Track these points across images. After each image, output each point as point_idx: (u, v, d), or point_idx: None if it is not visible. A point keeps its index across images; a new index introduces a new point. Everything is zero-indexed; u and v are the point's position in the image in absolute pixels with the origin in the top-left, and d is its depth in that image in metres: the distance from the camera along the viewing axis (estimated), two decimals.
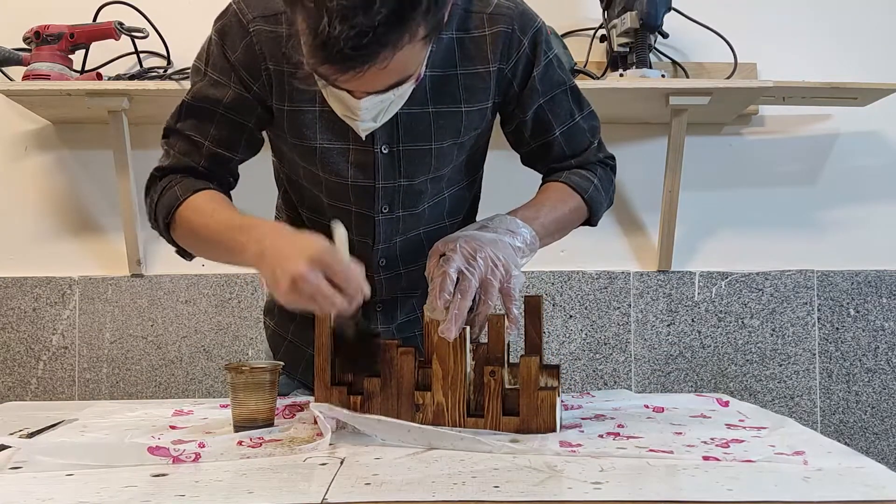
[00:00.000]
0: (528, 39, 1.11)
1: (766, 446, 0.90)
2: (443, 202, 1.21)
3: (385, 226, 1.16)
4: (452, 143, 1.13)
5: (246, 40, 1.06)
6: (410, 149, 1.11)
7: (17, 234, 2.13)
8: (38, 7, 2.07)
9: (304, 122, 1.09)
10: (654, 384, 2.12)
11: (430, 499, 0.71)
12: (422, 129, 1.10)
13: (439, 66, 1.08)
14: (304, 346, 1.29)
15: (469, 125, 1.13)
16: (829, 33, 2.18)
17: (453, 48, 1.08)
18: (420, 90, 1.06)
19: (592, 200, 1.19)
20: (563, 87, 1.16)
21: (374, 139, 1.09)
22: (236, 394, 1.01)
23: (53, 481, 0.78)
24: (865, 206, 2.19)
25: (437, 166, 1.14)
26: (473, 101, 1.11)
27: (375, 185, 1.12)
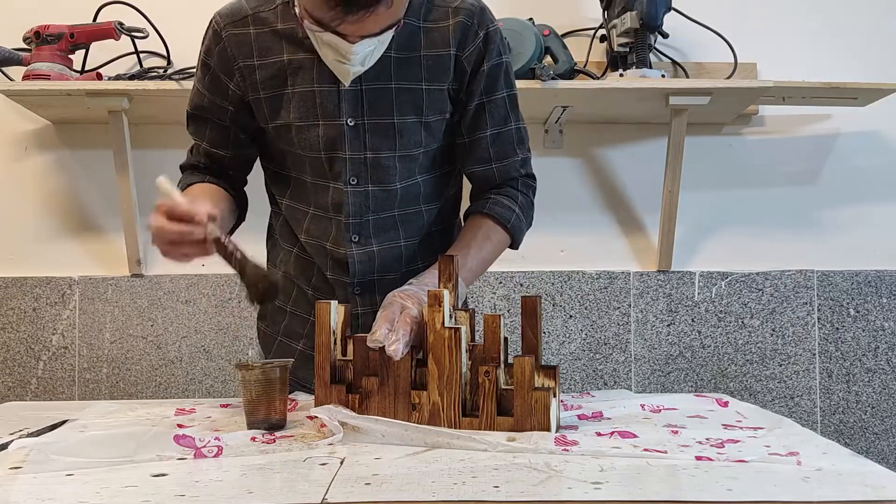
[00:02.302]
0: (484, 33, 1.21)
1: (760, 447, 0.90)
2: (416, 186, 1.26)
3: (354, 198, 1.23)
4: (415, 119, 1.21)
5: (219, 46, 1.22)
6: (374, 122, 1.20)
7: (17, 234, 2.13)
8: (38, 7, 2.07)
9: (279, 105, 1.21)
10: (654, 384, 2.12)
11: (430, 499, 0.72)
12: (385, 104, 1.20)
13: (405, 48, 1.19)
14: (294, 343, 1.35)
15: (430, 105, 1.21)
16: (829, 33, 2.18)
17: (419, 35, 1.20)
18: (385, 68, 1.18)
19: (514, 229, 1.28)
20: (505, 92, 1.25)
21: (341, 112, 1.19)
22: (250, 393, 1.01)
23: (53, 481, 0.78)
24: (865, 206, 2.19)
25: (401, 143, 1.21)
26: (433, 80, 1.21)
27: (344, 156, 1.21)
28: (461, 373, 1.01)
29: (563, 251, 2.13)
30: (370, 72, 1.16)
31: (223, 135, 1.27)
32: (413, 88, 1.20)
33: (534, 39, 1.93)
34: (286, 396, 1.05)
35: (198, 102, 1.27)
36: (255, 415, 1.01)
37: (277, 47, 1.19)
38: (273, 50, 1.19)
